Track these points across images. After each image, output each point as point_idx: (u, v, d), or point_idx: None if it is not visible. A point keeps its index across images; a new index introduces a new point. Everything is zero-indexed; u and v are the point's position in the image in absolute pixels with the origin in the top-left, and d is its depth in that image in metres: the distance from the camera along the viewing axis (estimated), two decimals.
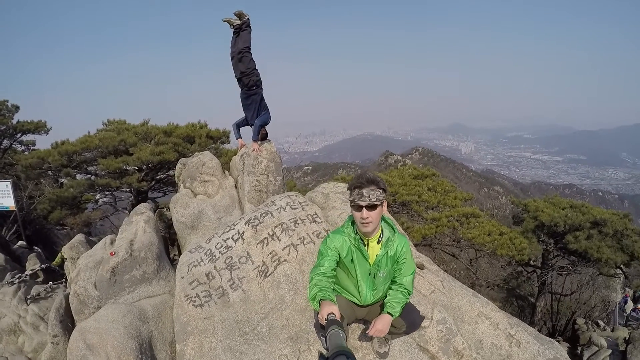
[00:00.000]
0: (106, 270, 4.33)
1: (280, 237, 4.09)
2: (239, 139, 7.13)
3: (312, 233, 4.14)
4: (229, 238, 4.28)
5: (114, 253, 4.52)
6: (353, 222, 2.61)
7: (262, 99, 6.52)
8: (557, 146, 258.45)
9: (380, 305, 2.84)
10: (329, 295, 2.41)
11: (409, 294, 2.76)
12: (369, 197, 2.34)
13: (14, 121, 14.15)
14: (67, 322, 4.65)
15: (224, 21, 6.21)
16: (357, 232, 2.59)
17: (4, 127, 13.75)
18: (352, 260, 2.65)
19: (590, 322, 11.73)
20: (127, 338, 3.45)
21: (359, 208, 2.39)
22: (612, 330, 9.83)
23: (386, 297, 2.77)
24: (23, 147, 15.74)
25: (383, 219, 2.67)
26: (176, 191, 9.14)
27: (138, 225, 5.49)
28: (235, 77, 6.30)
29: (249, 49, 6.16)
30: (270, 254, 3.97)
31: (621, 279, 12.57)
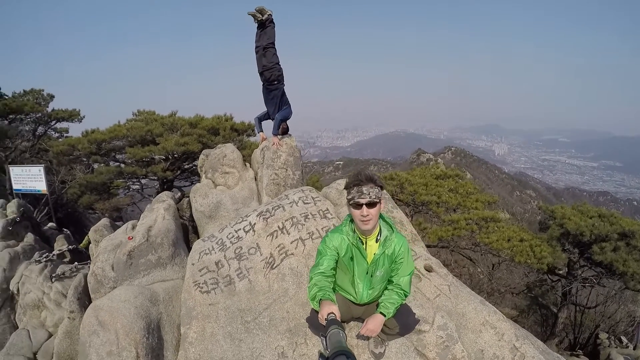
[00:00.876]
0: (123, 253, 4.52)
1: (289, 231, 4.15)
2: (261, 133, 7.23)
3: (322, 228, 4.17)
4: (240, 229, 4.38)
5: (132, 238, 4.71)
6: (351, 221, 2.61)
7: (284, 94, 6.58)
8: (593, 151, 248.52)
9: (376, 305, 2.83)
10: (328, 295, 2.41)
11: (405, 295, 2.74)
12: (369, 194, 2.34)
13: (49, 109, 14.75)
14: (85, 300, 4.89)
15: (249, 14, 6.28)
16: (355, 231, 2.59)
17: (39, 114, 14.36)
18: (351, 259, 2.65)
19: (613, 337, 11.31)
20: (137, 318, 3.61)
21: (358, 206, 2.39)
22: (634, 348, 9.45)
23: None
24: (57, 134, 16.44)
25: (381, 217, 2.66)
26: (198, 175, 9.37)
27: (158, 212, 5.68)
28: (258, 71, 6.38)
29: (273, 44, 6.21)
30: (278, 246, 4.04)
31: None
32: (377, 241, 2.62)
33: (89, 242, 7.96)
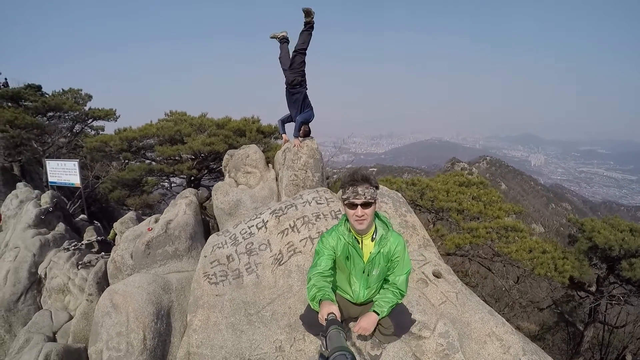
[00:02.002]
0: (142, 243, 4.75)
1: (300, 229, 4.24)
2: (283, 135, 7.36)
3: None
4: (253, 225, 4.51)
5: (152, 229, 4.92)
6: (347, 220, 2.62)
7: (306, 97, 6.65)
8: (632, 164, 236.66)
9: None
10: (328, 295, 2.41)
11: (402, 295, 2.72)
12: (364, 195, 2.36)
13: (87, 108, 15.48)
14: (104, 284, 5.16)
15: (271, 38, 6.49)
16: (350, 230, 2.60)
17: (77, 113, 15.08)
18: (347, 258, 2.66)
19: None
20: (148, 303, 3.80)
21: (353, 206, 2.41)
22: None
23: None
24: (93, 132, 17.23)
25: (378, 216, 2.68)
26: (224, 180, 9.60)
27: (180, 207, 5.92)
28: (284, 73, 6.49)
29: (305, 50, 6.27)
30: (287, 243, 4.14)
31: None
32: (372, 240, 2.62)
33: (116, 234, 8.29)
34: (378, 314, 2.64)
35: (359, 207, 2.39)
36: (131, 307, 3.65)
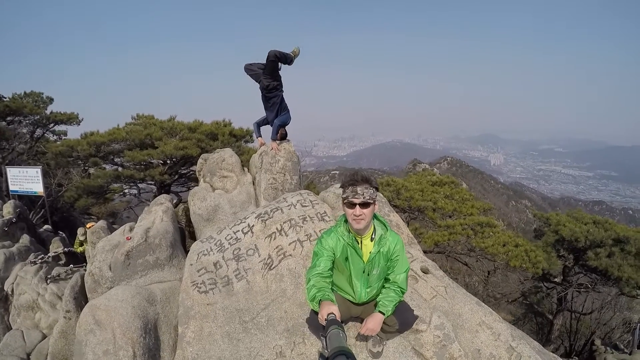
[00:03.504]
0: (121, 253, 4.54)
1: (287, 233, 4.19)
2: (259, 138, 7.29)
3: (320, 231, 4.20)
4: (239, 230, 4.41)
5: (130, 238, 4.72)
6: (346, 221, 2.64)
7: (282, 100, 6.63)
8: (588, 161, 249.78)
9: (375, 304, 2.85)
10: (328, 295, 2.42)
11: (403, 292, 2.77)
12: (363, 195, 2.39)
13: (48, 112, 14.79)
14: (81, 300, 4.90)
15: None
16: (350, 231, 2.62)
17: (38, 117, 14.39)
18: (346, 259, 2.68)
19: (609, 344, 11.32)
20: (134, 317, 3.62)
21: (352, 205, 2.44)
22: (630, 354, 9.47)
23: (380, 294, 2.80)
24: (55, 137, 16.46)
25: (376, 217, 2.71)
26: (195, 180, 9.39)
27: (156, 215, 5.72)
28: (258, 79, 6.42)
29: (280, 60, 6.15)
30: (276, 248, 4.07)
31: None
32: (372, 240, 2.65)
33: (80, 244, 7.95)
34: (383, 314, 2.68)
35: (358, 206, 2.42)
36: (116, 322, 3.46)
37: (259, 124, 7.16)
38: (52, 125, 15.46)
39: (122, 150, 10.43)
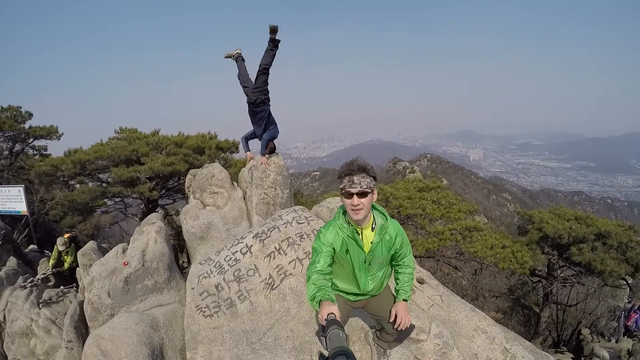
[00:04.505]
0: (120, 279, 4.54)
1: (286, 251, 4.27)
2: (248, 152, 7.31)
3: None
4: (237, 251, 4.47)
5: (127, 263, 4.73)
6: (344, 212, 2.60)
7: (270, 114, 6.64)
8: (566, 153, 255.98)
9: (391, 295, 2.97)
10: (328, 295, 2.36)
11: (413, 270, 2.87)
12: (360, 184, 2.33)
13: (27, 126, 14.49)
14: (81, 328, 4.89)
15: (226, 57, 6.55)
16: (349, 222, 2.57)
17: (16, 132, 14.08)
18: (347, 252, 2.63)
19: (595, 332, 11.70)
20: (140, 345, 3.65)
21: (349, 195, 2.38)
22: (617, 341, 9.83)
23: (383, 284, 2.88)
24: (35, 152, 16.09)
25: (374, 207, 2.67)
26: (185, 198, 9.35)
27: (149, 235, 5.70)
28: (244, 91, 6.47)
29: (269, 69, 6.21)
30: (277, 267, 4.16)
31: (626, 290, 12.54)
32: (372, 230, 2.61)
33: (59, 254, 7.78)
34: (406, 300, 2.82)
35: (355, 196, 2.37)
36: (123, 352, 3.48)
37: (247, 138, 7.18)
38: (31, 140, 15.12)
39: (107, 166, 10.32)
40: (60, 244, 7.69)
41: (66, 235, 7.87)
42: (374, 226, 2.61)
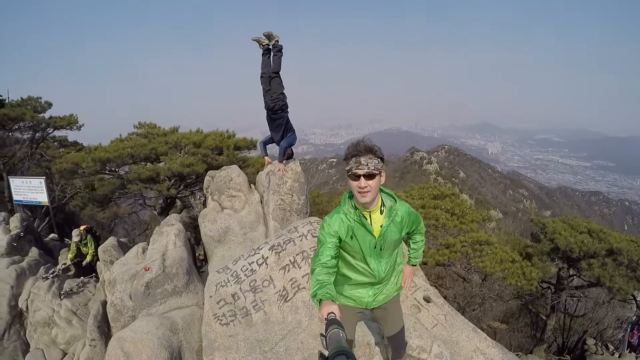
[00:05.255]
0: (141, 284, 4.84)
1: (300, 265, 4.49)
2: (266, 157, 7.48)
3: None
4: (253, 262, 4.70)
5: (148, 269, 5.01)
6: (350, 197, 2.54)
7: (288, 120, 6.72)
8: (586, 151, 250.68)
9: (387, 306, 2.94)
10: (329, 294, 2.26)
11: (424, 235, 2.96)
12: (367, 165, 2.26)
13: (47, 116, 14.77)
14: (104, 327, 5.22)
15: (253, 40, 6.43)
16: (356, 207, 2.49)
17: (35, 122, 14.34)
18: (352, 237, 2.54)
19: (600, 343, 11.69)
20: (160, 348, 3.94)
21: (356, 177, 2.31)
22: (620, 356, 9.84)
23: (395, 268, 2.82)
24: (56, 143, 16.44)
25: (382, 190, 2.59)
26: (201, 189, 9.56)
27: (169, 238, 5.94)
28: (263, 98, 6.54)
29: (279, 73, 6.38)
30: (290, 280, 4.39)
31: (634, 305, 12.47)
32: (381, 213, 2.53)
33: (76, 245, 8.01)
34: (414, 265, 3.06)
35: (362, 178, 2.29)
36: (145, 354, 3.78)
37: (265, 143, 7.30)
38: (51, 130, 15.41)
39: (126, 163, 10.60)
40: (75, 234, 7.86)
41: (82, 227, 8.10)
42: (382, 209, 2.52)
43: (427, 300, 4.48)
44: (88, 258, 8.05)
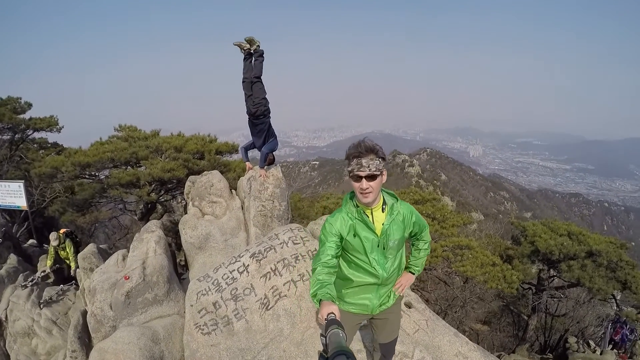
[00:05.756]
0: (121, 294, 4.76)
1: (281, 273, 4.47)
2: (247, 162, 7.43)
3: (312, 270, 4.50)
4: (234, 270, 4.66)
5: (128, 277, 4.93)
6: (352, 197, 2.55)
7: (270, 126, 6.69)
8: (566, 154, 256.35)
9: (389, 316, 2.96)
10: (329, 294, 2.26)
11: (429, 243, 2.93)
12: (369, 166, 2.25)
13: (27, 117, 14.40)
14: (85, 338, 5.11)
15: (235, 45, 6.39)
16: (358, 205, 2.50)
17: (15, 123, 13.95)
18: (354, 235, 2.53)
19: (582, 341, 11.93)
20: (142, 359, 3.88)
21: (358, 178, 2.31)
22: (601, 353, 10.06)
23: (400, 269, 2.80)
24: (36, 145, 16.04)
25: (383, 190, 2.60)
26: (182, 193, 9.45)
27: (149, 245, 5.85)
28: (245, 103, 6.48)
29: (260, 78, 6.35)
30: (272, 288, 4.36)
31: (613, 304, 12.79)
32: (383, 211, 2.54)
33: (55, 250, 7.84)
34: (414, 273, 2.94)
35: (364, 179, 2.30)
36: None
37: (246, 148, 7.25)
38: (31, 132, 15.02)
39: (107, 167, 10.43)
40: (53, 238, 7.67)
41: (61, 231, 7.91)
42: (384, 207, 2.53)
43: (409, 306, 4.51)
44: (72, 265, 7.83)
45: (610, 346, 10.53)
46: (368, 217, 2.50)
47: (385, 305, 2.84)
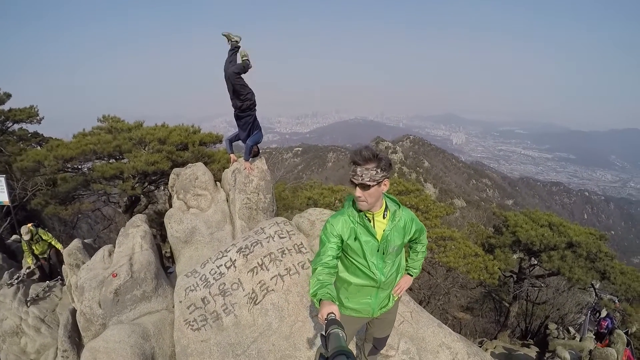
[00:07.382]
0: (110, 291, 4.76)
1: (268, 267, 4.53)
2: (232, 154, 7.41)
3: (298, 264, 4.58)
4: (222, 265, 4.70)
5: (116, 275, 4.92)
6: (354, 200, 2.52)
7: (255, 119, 6.71)
8: (548, 144, 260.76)
9: (386, 316, 2.99)
10: (329, 294, 2.27)
11: (425, 246, 2.97)
12: (362, 176, 2.25)
13: (6, 108, 14.00)
14: (75, 337, 5.10)
15: (223, 35, 6.39)
16: (360, 210, 2.49)
17: None
18: (355, 239, 2.54)
19: (562, 327, 12.31)
20: (134, 356, 3.92)
21: (353, 185, 2.33)
22: (581, 340, 10.35)
23: (398, 275, 2.82)
24: (15, 137, 15.63)
25: (386, 196, 2.60)
26: (166, 184, 9.36)
27: (135, 240, 5.82)
28: (230, 96, 6.47)
29: (239, 73, 6.30)
30: (259, 282, 4.42)
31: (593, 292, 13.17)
32: (384, 217, 2.54)
33: (28, 243, 7.75)
34: (412, 275, 2.96)
35: (357, 187, 2.31)
36: None
37: (230, 140, 7.23)
38: (10, 124, 14.64)
39: (90, 159, 10.25)
40: (24, 233, 7.58)
41: (29, 225, 7.81)
42: (385, 213, 2.53)
43: None
44: (59, 246, 7.78)
45: (594, 337, 10.83)
46: (370, 222, 2.50)
47: (385, 308, 2.88)
